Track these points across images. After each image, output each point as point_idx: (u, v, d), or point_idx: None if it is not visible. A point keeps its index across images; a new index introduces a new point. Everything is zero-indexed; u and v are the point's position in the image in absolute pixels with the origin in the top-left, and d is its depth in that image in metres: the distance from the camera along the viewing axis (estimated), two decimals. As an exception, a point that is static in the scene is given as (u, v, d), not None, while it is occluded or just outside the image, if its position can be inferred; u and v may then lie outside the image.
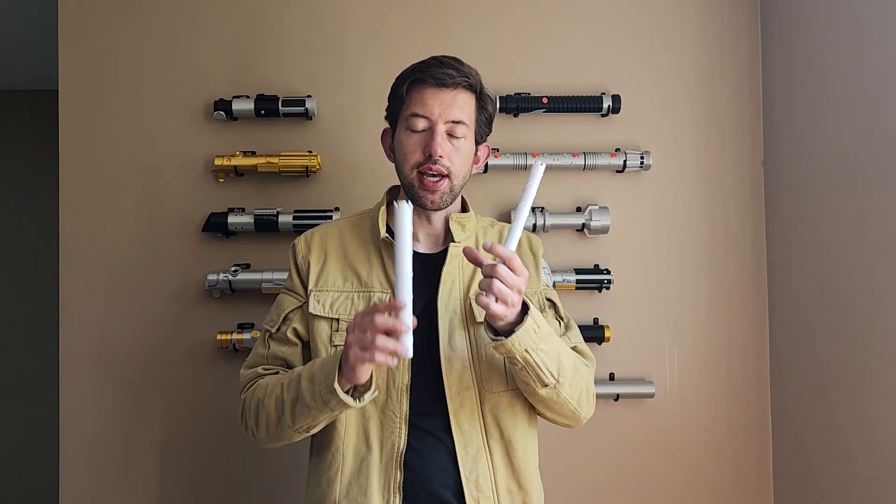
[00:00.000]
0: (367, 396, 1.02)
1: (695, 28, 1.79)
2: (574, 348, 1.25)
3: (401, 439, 1.11)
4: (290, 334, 1.20)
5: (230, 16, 1.75)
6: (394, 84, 1.19)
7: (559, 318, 1.27)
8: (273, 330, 1.22)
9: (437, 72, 1.13)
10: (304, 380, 1.05)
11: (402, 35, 1.75)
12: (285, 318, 1.21)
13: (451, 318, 1.15)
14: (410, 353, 0.93)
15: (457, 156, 1.15)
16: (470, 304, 1.16)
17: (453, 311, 1.16)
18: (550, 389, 1.08)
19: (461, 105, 1.15)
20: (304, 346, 1.21)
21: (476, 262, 0.99)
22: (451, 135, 1.14)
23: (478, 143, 1.22)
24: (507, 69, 1.76)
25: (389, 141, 1.23)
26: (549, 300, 1.25)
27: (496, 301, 0.96)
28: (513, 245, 0.98)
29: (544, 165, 0.99)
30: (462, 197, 1.27)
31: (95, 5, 1.73)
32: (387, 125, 1.25)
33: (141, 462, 1.70)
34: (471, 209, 1.26)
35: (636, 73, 1.78)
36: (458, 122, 1.14)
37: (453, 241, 1.19)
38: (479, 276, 1.16)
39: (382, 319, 0.93)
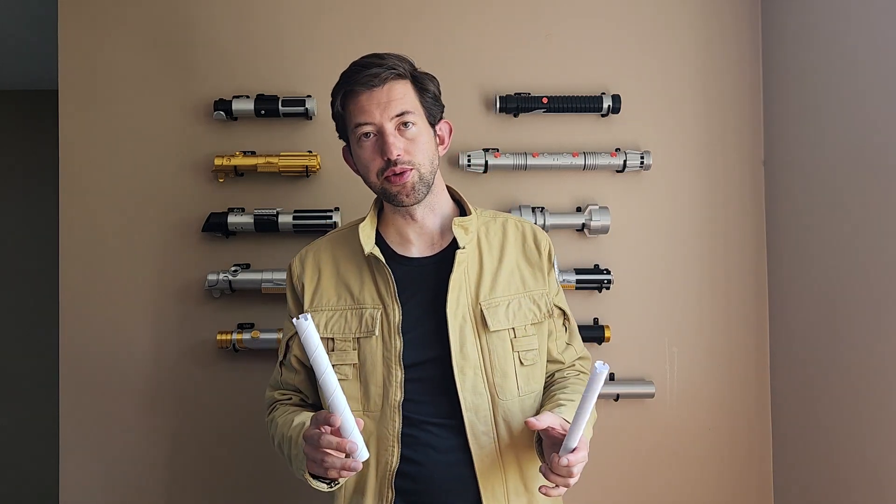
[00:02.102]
0: (343, 479, 1.04)
1: (695, 28, 1.79)
2: (579, 359, 1.29)
3: (393, 458, 1.10)
4: (293, 362, 1.23)
5: (230, 16, 1.74)
6: (331, 105, 1.18)
7: (566, 325, 1.27)
8: (281, 357, 1.25)
9: (362, 76, 1.11)
10: (294, 446, 1.08)
11: (402, 35, 1.75)
12: (287, 346, 1.24)
13: (462, 325, 1.14)
14: (365, 456, 0.97)
15: (414, 146, 1.13)
16: (481, 311, 1.15)
17: (463, 319, 1.14)
18: None
19: (398, 97, 1.12)
20: (309, 369, 1.21)
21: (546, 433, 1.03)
22: (402, 127, 1.12)
23: (434, 124, 1.19)
24: (507, 69, 1.76)
25: (351, 157, 1.22)
26: (560, 309, 1.25)
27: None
28: (574, 443, 0.98)
29: (607, 369, 0.93)
30: (460, 198, 1.26)
31: (95, 6, 1.73)
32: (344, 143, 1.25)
33: (141, 462, 1.70)
34: (471, 210, 1.24)
35: (636, 73, 1.78)
36: (402, 114, 1.12)
37: (457, 246, 1.16)
38: (486, 281, 1.17)
39: (327, 441, 0.94)
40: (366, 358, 1.13)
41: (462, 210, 1.25)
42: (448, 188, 1.26)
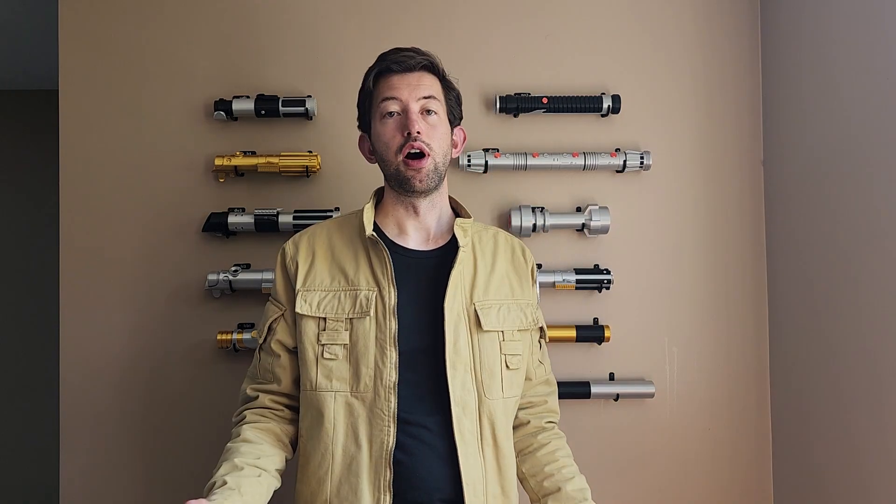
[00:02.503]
0: None
1: (695, 28, 1.79)
2: (546, 381, 1.32)
3: (390, 437, 1.11)
4: (274, 345, 1.22)
5: (230, 16, 1.75)
6: (361, 87, 1.23)
7: (540, 342, 1.31)
8: (261, 341, 1.24)
9: (398, 56, 1.18)
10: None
11: (402, 35, 1.75)
12: (269, 329, 1.23)
13: (457, 322, 1.16)
14: None
15: (434, 133, 1.17)
16: (475, 310, 1.17)
17: (458, 316, 1.16)
18: None
19: (428, 84, 1.19)
20: (291, 354, 1.22)
21: None
22: (425, 113, 1.17)
23: (452, 124, 1.24)
24: (507, 69, 1.76)
25: (368, 144, 1.25)
26: (540, 328, 1.29)
27: None
28: None
29: None
30: (457, 205, 1.29)
31: (95, 5, 1.73)
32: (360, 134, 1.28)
33: (141, 462, 1.70)
34: (469, 215, 1.28)
35: (636, 73, 1.78)
36: (429, 98, 1.17)
37: (455, 245, 1.20)
38: (479, 284, 1.20)
39: None
40: (358, 339, 1.14)
41: (458, 216, 1.28)
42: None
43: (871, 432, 1.40)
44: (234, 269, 1.66)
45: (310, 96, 1.69)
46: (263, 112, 1.68)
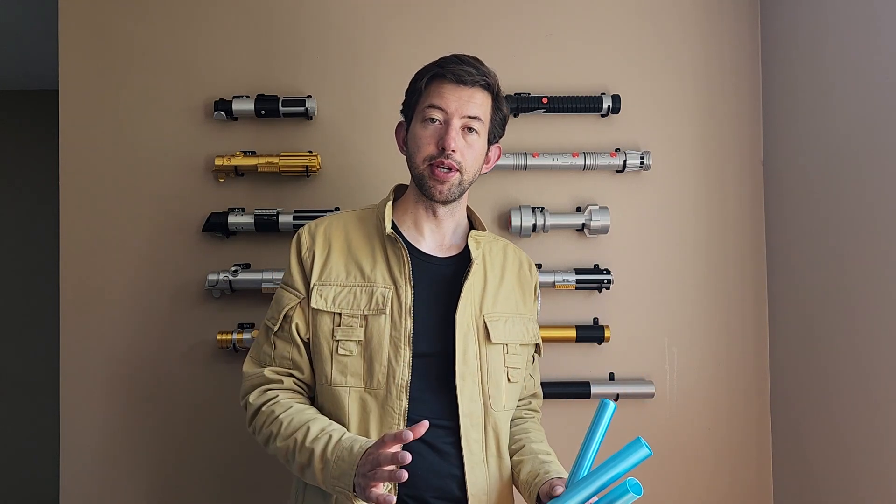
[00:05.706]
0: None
1: (695, 28, 1.79)
2: (532, 395, 1.35)
3: None
4: (294, 333, 1.18)
5: (230, 16, 1.75)
6: (413, 78, 1.21)
7: (534, 356, 1.32)
8: (275, 328, 1.19)
9: (457, 68, 1.15)
10: (318, 460, 1.04)
11: (402, 35, 1.75)
12: (286, 316, 1.19)
13: (466, 333, 1.16)
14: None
15: (469, 152, 1.16)
16: (484, 322, 1.18)
17: (468, 327, 1.17)
18: None
19: (478, 102, 1.17)
20: (306, 344, 1.19)
21: None
22: (466, 130, 1.16)
23: (490, 143, 1.23)
24: (507, 69, 1.75)
25: (404, 134, 1.24)
26: (536, 344, 1.30)
27: None
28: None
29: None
30: (473, 215, 1.29)
31: (96, 5, 1.73)
32: (401, 119, 1.26)
33: (141, 462, 1.70)
34: (485, 227, 1.28)
35: (636, 73, 1.78)
36: (474, 118, 1.16)
37: (468, 255, 1.20)
38: (489, 295, 1.21)
39: (384, 457, 0.95)
40: (372, 336, 1.14)
41: (473, 227, 1.29)
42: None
43: (870, 432, 1.40)
44: (234, 269, 1.66)
45: (310, 96, 1.69)
46: (263, 112, 1.68)
